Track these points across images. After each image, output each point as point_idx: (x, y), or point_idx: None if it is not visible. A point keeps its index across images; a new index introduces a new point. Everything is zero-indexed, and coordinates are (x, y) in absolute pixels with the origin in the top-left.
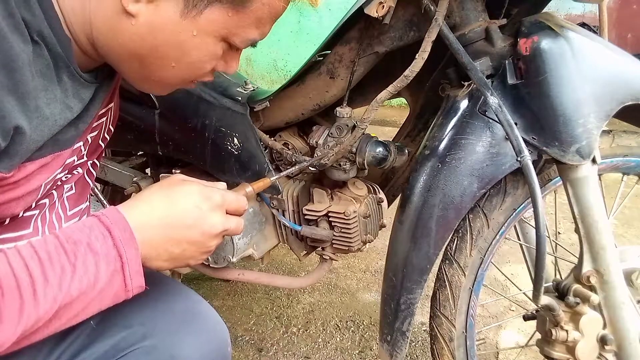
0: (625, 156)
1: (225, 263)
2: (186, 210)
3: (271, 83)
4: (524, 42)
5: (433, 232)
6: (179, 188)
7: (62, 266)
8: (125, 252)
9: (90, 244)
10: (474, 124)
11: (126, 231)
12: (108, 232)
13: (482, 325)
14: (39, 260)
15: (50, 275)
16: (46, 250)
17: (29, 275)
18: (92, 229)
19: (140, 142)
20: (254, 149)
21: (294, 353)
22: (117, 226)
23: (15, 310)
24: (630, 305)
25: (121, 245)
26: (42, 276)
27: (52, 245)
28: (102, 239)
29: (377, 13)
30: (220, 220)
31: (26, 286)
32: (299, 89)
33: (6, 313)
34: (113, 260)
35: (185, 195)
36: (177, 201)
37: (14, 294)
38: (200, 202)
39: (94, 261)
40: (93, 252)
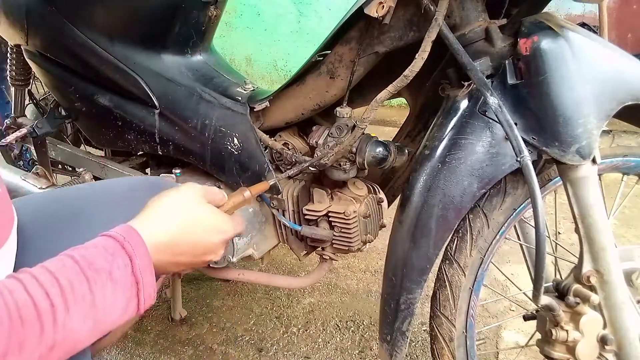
0: (625, 156)
1: (225, 263)
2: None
3: (271, 83)
4: (524, 42)
5: (433, 232)
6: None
7: (83, 295)
8: (142, 278)
9: (112, 273)
10: (474, 124)
11: (146, 258)
12: (130, 260)
13: (482, 325)
14: (59, 288)
15: (71, 304)
16: (67, 277)
17: (50, 305)
18: (115, 256)
19: (140, 142)
20: (254, 149)
21: (294, 353)
22: (138, 254)
23: (35, 340)
24: (630, 305)
25: (139, 272)
26: (63, 305)
27: (73, 271)
28: (123, 267)
29: (377, 13)
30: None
31: (47, 316)
32: (299, 89)
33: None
34: (130, 287)
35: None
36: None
37: (34, 324)
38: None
39: (113, 290)
40: (113, 282)
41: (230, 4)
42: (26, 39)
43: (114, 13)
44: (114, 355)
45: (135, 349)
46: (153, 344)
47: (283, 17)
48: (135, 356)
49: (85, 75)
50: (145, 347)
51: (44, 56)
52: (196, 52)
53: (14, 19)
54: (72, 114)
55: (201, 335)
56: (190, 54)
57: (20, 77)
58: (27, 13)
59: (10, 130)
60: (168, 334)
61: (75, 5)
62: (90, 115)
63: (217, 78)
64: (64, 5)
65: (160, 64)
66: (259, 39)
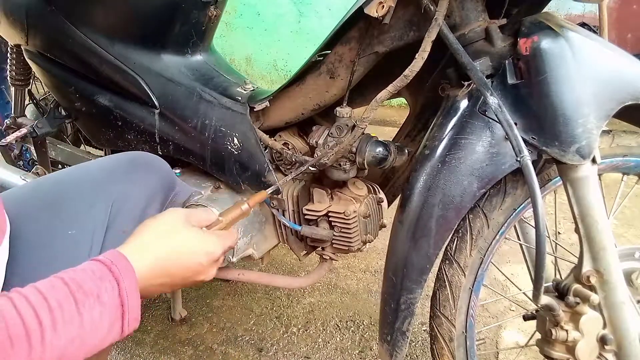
0: (625, 156)
1: (225, 263)
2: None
3: (271, 83)
4: (524, 42)
5: (433, 231)
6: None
7: (71, 316)
8: (128, 301)
9: (100, 296)
10: (474, 124)
11: (132, 281)
12: (117, 284)
13: (482, 325)
14: (48, 308)
15: (59, 325)
16: (56, 298)
17: (39, 324)
18: (103, 280)
19: (140, 142)
20: (254, 149)
21: (294, 353)
22: (125, 277)
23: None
24: (630, 305)
25: (125, 296)
26: (51, 325)
27: (62, 293)
28: (110, 290)
29: (377, 13)
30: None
31: (35, 335)
32: (299, 89)
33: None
34: (115, 310)
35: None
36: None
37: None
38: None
39: (100, 312)
40: (101, 304)
41: (230, 4)
42: (26, 39)
43: (114, 13)
44: (114, 355)
45: (135, 349)
46: (153, 344)
47: (283, 17)
48: (135, 356)
49: (85, 75)
50: (145, 347)
51: (44, 56)
52: (196, 52)
53: (14, 19)
54: (72, 114)
55: (201, 335)
56: (190, 53)
57: (20, 77)
58: (27, 13)
59: (10, 130)
60: (168, 334)
61: (75, 5)
62: (90, 115)
63: (217, 78)
64: (64, 5)
65: (160, 63)
66: (259, 39)
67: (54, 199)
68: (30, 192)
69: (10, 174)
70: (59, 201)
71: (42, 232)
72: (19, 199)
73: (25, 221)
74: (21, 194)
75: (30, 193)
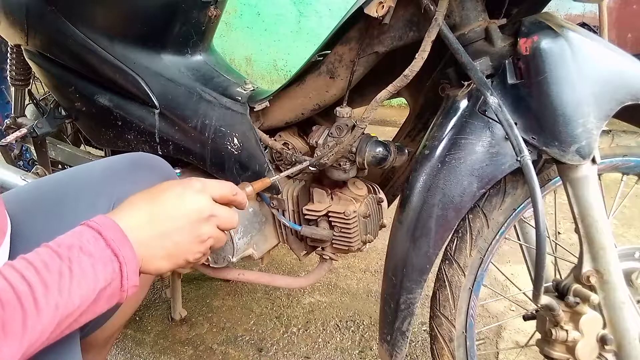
0: (624, 156)
1: (225, 263)
2: (168, 201)
3: (271, 83)
4: (524, 42)
5: (432, 231)
6: (159, 186)
7: (59, 271)
8: (120, 251)
9: (83, 247)
10: (474, 124)
11: (117, 231)
12: (98, 233)
13: (482, 325)
14: (34, 269)
15: (49, 281)
16: (41, 260)
17: (28, 285)
18: (82, 233)
19: (140, 142)
20: (254, 149)
21: (294, 353)
22: (105, 227)
23: (19, 323)
24: (630, 305)
25: (115, 245)
26: (40, 283)
27: (45, 253)
28: (93, 241)
29: (377, 13)
30: (205, 203)
31: (26, 296)
32: (299, 89)
33: (9, 327)
34: (110, 261)
35: (165, 189)
36: (159, 196)
37: (15, 307)
38: (181, 190)
39: (90, 263)
40: (87, 254)
41: (230, 4)
42: (26, 39)
43: (114, 13)
44: (114, 355)
45: (135, 349)
46: (153, 344)
47: (283, 17)
48: (135, 356)
49: (85, 75)
50: (145, 347)
51: (44, 56)
52: (196, 52)
53: (14, 19)
54: (72, 114)
55: (201, 335)
56: (190, 54)
57: (20, 77)
58: (27, 13)
59: (10, 130)
60: (168, 334)
61: (75, 5)
62: (90, 115)
63: (217, 78)
64: (64, 5)
65: (160, 63)
66: (259, 39)
67: (55, 199)
68: (32, 192)
69: (10, 174)
70: (60, 201)
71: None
72: (20, 199)
73: (26, 221)
74: (22, 194)
75: (32, 193)
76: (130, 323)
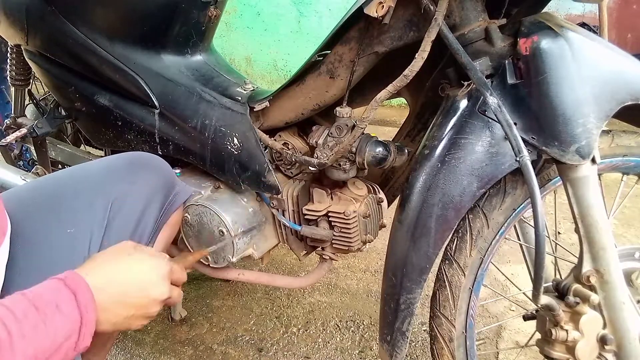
0: (624, 156)
1: (225, 263)
2: (137, 277)
3: (271, 83)
4: (523, 42)
5: (432, 231)
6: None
7: (35, 324)
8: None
9: (59, 305)
10: (474, 124)
11: (87, 295)
12: (73, 295)
13: (482, 325)
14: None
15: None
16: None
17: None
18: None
19: (140, 142)
20: (254, 149)
21: (294, 353)
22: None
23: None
24: (630, 305)
25: (84, 309)
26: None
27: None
28: (68, 301)
29: (377, 13)
30: (166, 289)
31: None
32: (299, 89)
33: None
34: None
35: (138, 263)
36: (129, 268)
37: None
38: (150, 270)
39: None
40: (61, 313)
41: (230, 4)
42: (26, 39)
43: (114, 13)
44: (114, 355)
45: (135, 349)
46: (153, 344)
47: (283, 17)
48: (135, 356)
49: (85, 75)
50: (145, 347)
51: (44, 56)
52: (196, 52)
53: (14, 19)
54: (72, 114)
55: (201, 335)
56: (190, 54)
57: (20, 77)
58: (27, 13)
59: (10, 130)
60: (168, 334)
61: (75, 5)
62: (90, 115)
63: (217, 78)
64: (64, 5)
65: (160, 64)
66: (259, 39)
67: (53, 198)
68: (30, 192)
69: (10, 174)
70: (59, 200)
71: (42, 230)
72: (19, 199)
73: (25, 220)
74: (21, 194)
75: (30, 193)
76: None
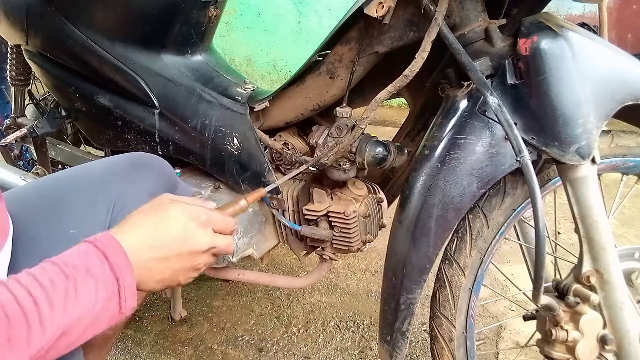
0: (624, 156)
1: (225, 263)
2: (173, 230)
3: (271, 83)
4: (523, 42)
5: (432, 231)
6: (165, 209)
7: (65, 290)
8: (121, 275)
9: (90, 269)
10: (474, 124)
11: (121, 255)
12: (104, 256)
13: (482, 325)
14: (40, 286)
15: (55, 299)
16: (47, 277)
17: (34, 301)
18: (89, 254)
19: (140, 142)
20: (254, 149)
21: (294, 353)
22: (111, 250)
23: (24, 337)
24: (630, 305)
25: (118, 269)
26: (46, 300)
27: (52, 271)
28: (99, 263)
29: (377, 13)
30: (207, 238)
31: (32, 312)
32: (299, 89)
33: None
34: (111, 285)
35: (172, 216)
36: (165, 222)
37: (20, 321)
38: (186, 221)
39: (94, 286)
40: (92, 277)
41: (230, 4)
42: (26, 39)
43: (114, 13)
44: (114, 355)
45: (135, 349)
46: (153, 344)
47: (283, 17)
48: (135, 356)
49: (85, 75)
50: (145, 347)
51: (44, 56)
52: (196, 52)
53: (14, 19)
54: (72, 114)
55: (201, 335)
56: (190, 54)
57: (20, 77)
58: (27, 13)
59: (10, 130)
60: (168, 334)
61: (75, 5)
62: (90, 115)
63: (217, 78)
64: (64, 5)
65: (160, 64)
66: (259, 39)
67: (55, 198)
68: (32, 193)
69: (10, 174)
70: (61, 201)
71: (44, 231)
72: (20, 199)
73: (27, 221)
74: (23, 195)
75: (32, 193)
76: (130, 323)
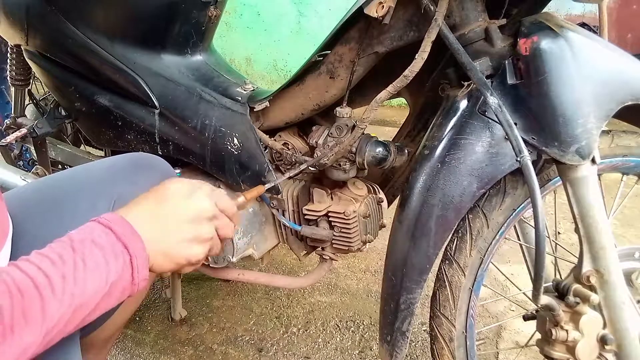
0: (624, 156)
1: (225, 263)
2: (174, 199)
3: (271, 83)
4: (523, 42)
5: (432, 231)
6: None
7: (74, 263)
8: (130, 245)
9: (95, 240)
10: (474, 124)
11: (126, 226)
12: (108, 228)
13: (482, 325)
14: (50, 261)
15: (65, 271)
16: (55, 252)
17: (45, 275)
18: (93, 228)
19: (140, 142)
20: (254, 149)
21: (294, 353)
22: (115, 223)
23: (38, 310)
24: (630, 305)
25: (125, 239)
26: (57, 273)
27: (59, 247)
28: (104, 235)
29: (377, 13)
30: (210, 206)
31: (44, 285)
32: (299, 89)
33: (29, 314)
34: (120, 254)
35: (174, 189)
36: (167, 195)
37: (33, 295)
38: (189, 191)
39: (102, 256)
40: (99, 247)
41: (230, 4)
42: (26, 39)
43: (114, 13)
44: (114, 355)
45: (135, 349)
46: (153, 344)
47: (283, 17)
48: (135, 356)
49: (85, 75)
50: (145, 347)
51: (44, 56)
52: (196, 52)
53: (14, 19)
54: (72, 114)
55: (201, 335)
56: (190, 54)
57: (20, 77)
58: (27, 13)
59: (10, 130)
60: (168, 334)
61: (75, 5)
62: (90, 115)
63: (217, 78)
64: (64, 5)
65: (160, 64)
66: (259, 39)
67: (55, 199)
68: (32, 193)
69: (10, 174)
70: (61, 201)
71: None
72: (21, 200)
73: (28, 221)
74: (23, 195)
75: (32, 193)
76: (130, 323)
